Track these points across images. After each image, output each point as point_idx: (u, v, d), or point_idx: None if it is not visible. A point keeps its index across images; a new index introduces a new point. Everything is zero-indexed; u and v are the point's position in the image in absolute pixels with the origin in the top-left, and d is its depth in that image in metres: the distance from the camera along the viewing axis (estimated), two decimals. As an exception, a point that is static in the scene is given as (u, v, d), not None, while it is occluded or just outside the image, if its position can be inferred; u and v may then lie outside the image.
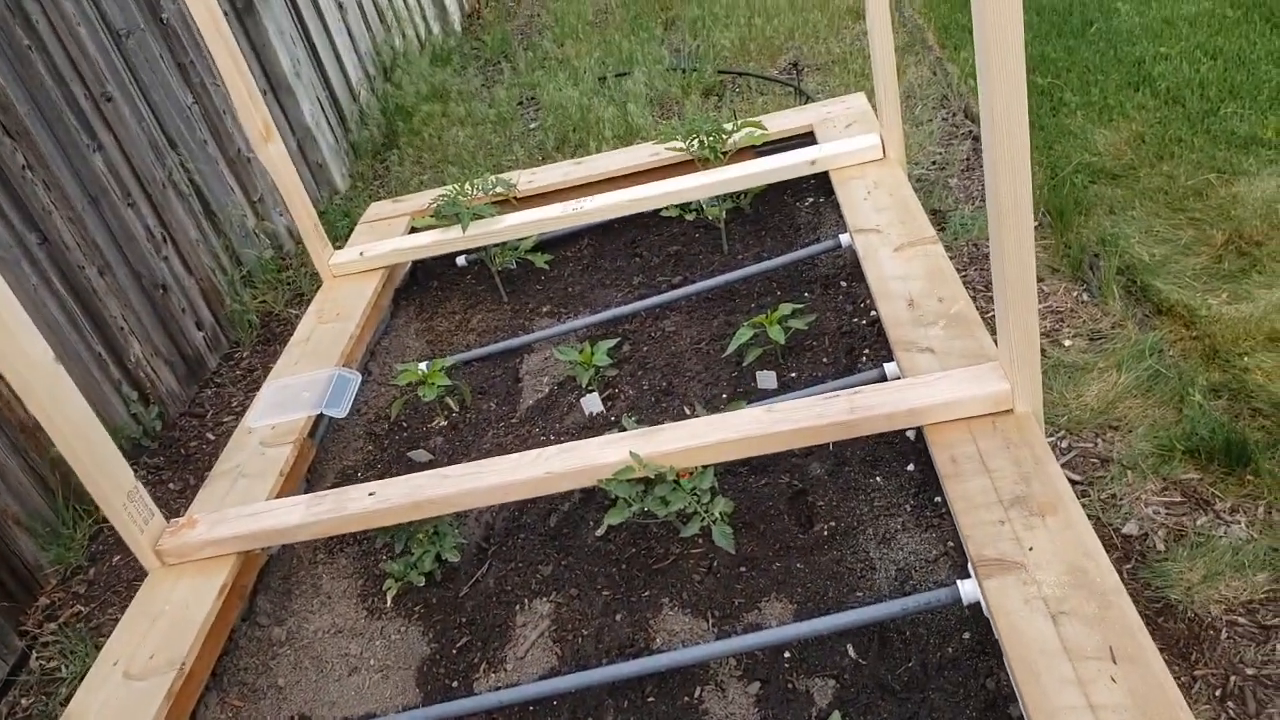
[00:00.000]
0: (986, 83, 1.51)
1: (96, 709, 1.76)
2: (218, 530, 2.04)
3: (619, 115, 4.44)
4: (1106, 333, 2.65)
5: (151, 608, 1.95)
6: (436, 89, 5.26)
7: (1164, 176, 3.17)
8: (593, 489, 2.10)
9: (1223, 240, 2.82)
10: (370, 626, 2.03)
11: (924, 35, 4.63)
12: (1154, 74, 3.71)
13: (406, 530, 2.07)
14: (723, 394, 2.38)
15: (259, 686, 1.97)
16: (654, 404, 2.42)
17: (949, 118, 3.91)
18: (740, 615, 1.84)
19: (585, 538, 2.08)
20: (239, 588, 2.07)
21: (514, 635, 1.92)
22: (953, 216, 3.27)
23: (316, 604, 2.12)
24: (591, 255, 3.21)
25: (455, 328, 3.05)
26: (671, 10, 5.88)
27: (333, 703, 1.89)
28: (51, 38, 2.99)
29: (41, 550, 2.56)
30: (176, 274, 3.37)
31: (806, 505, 2.02)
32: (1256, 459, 2.17)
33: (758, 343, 2.36)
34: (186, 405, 3.28)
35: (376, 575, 2.14)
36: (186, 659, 1.81)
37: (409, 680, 1.90)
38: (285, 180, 2.88)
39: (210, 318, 3.52)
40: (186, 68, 3.66)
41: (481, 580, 2.06)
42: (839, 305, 2.58)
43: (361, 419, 2.69)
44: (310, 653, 2.01)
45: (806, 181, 3.16)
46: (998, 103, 1.51)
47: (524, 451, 2.05)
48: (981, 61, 1.50)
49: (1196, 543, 2.06)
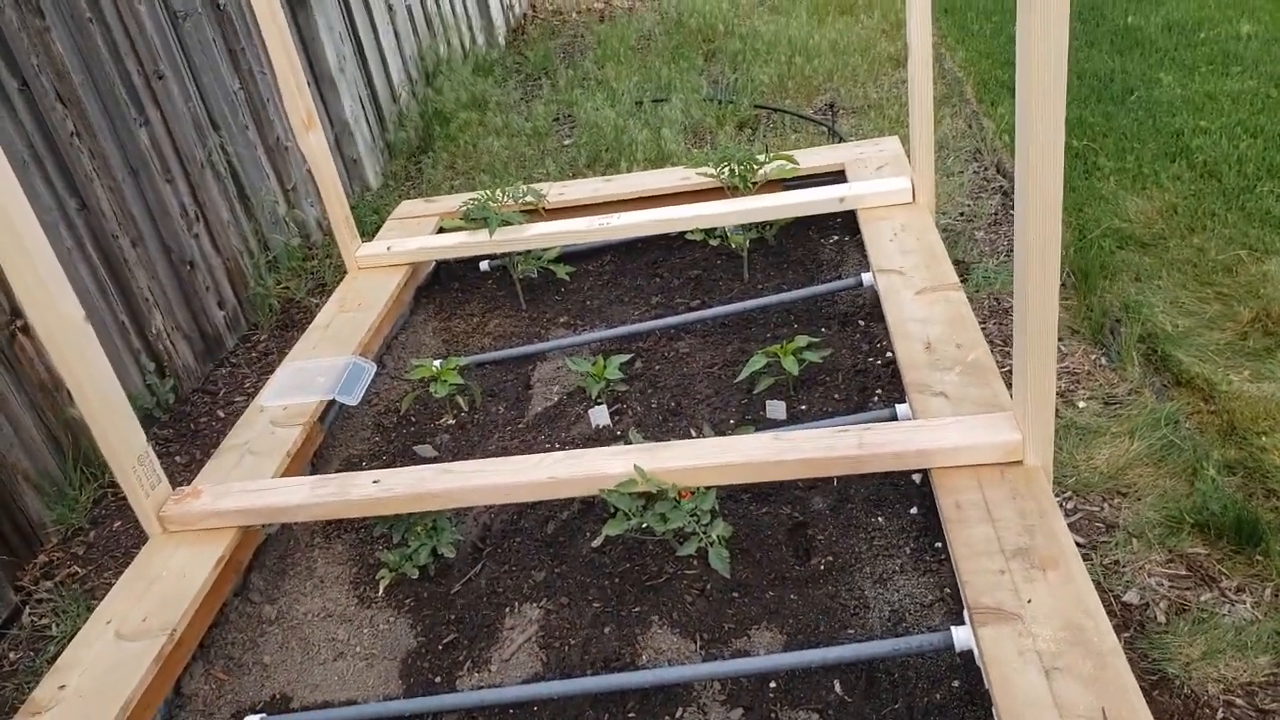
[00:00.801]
0: (1024, 133, 1.53)
1: (87, 664, 1.76)
2: (221, 502, 2.06)
3: (652, 139, 4.48)
4: (1122, 398, 2.65)
5: (149, 572, 1.96)
6: (476, 98, 5.32)
7: (1194, 249, 3.17)
8: (592, 501, 2.11)
9: (1249, 318, 2.81)
10: (360, 614, 2.03)
11: (962, 88, 4.67)
12: (1192, 146, 3.72)
13: (405, 522, 2.07)
14: (731, 419, 2.39)
15: (245, 661, 1.97)
16: (661, 422, 2.42)
17: (980, 171, 3.93)
18: (729, 640, 1.83)
19: (581, 548, 2.09)
20: (235, 562, 2.08)
21: (501, 637, 1.92)
22: (976, 268, 3.27)
23: (309, 586, 2.13)
24: (613, 271, 3.23)
25: (472, 330, 3.07)
26: (714, 42, 5.95)
27: (315, 685, 1.89)
28: (113, 13, 3.05)
29: (46, 509, 2.58)
30: (205, 252, 3.41)
31: (806, 538, 2.02)
32: (1267, 540, 2.15)
33: (770, 372, 2.37)
34: (200, 381, 3.30)
35: (371, 564, 2.14)
36: (178, 625, 1.82)
37: (393, 670, 1.90)
38: (322, 169, 2.92)
39: (233, 298, 3.55)
40: (237, 54, 3.72)
41: (474, 579, 2.06)
42: (855, 343, 2.59)
43: (371, 410, 2.71)
44: (298, 634, 2.01)
45: (833, 220, 3.18)
46: (1034, 154, 1.52)
47: (529, 454, 2.06)
48: (1021, 114, 1.52)
49: (1199, 618, 2.03)
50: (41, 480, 2.59)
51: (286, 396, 2.47)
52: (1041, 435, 1.81)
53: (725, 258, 3.11)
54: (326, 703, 1.85)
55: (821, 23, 5.85)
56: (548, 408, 2.59)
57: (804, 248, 3.11)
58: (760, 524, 2.06)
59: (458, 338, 3.04)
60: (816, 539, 2.01)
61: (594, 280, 3.20)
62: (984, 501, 1.79)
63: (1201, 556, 2.17)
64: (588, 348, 2.80)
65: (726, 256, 3.11)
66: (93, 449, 2.73)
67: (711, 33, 6.06)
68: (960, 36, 5.34)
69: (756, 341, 2.65)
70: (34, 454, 2.57)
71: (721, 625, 1.86)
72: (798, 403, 2.41)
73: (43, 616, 2.34)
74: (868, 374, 2.46)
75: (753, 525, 2.06)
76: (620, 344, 2.78)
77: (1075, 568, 1.64)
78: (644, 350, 2.74)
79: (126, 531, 2.59)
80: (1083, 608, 1.57)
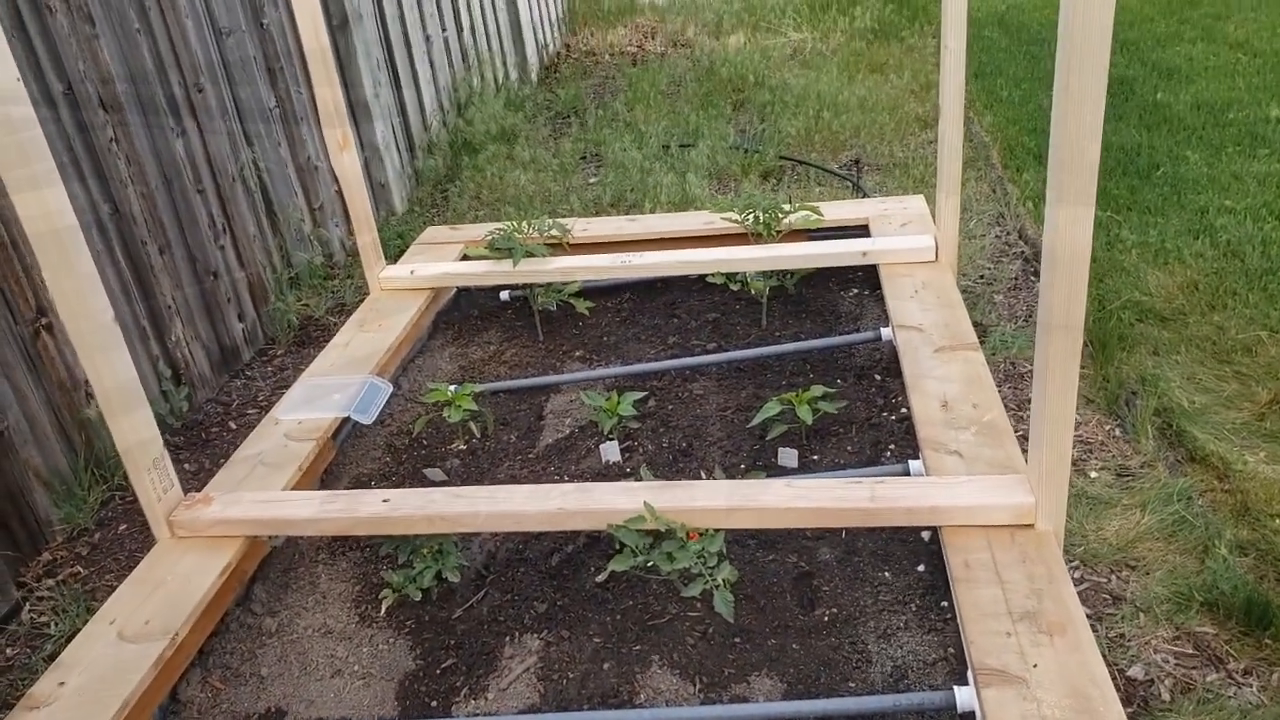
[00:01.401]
0: (1054, 200, 1.54)
1: (87, 663, 1.76)
2: (230, 511, 2.06)
3: (677, 183, 4.53)
4: (1135, 471, 2.64)
5: (155, 575, 1.96)
6: (506, 131, 5.40)
7: (1214, 327, 3.18)
8: (598, 535, 2.10)
9: (1268, 399, 2.81)
10: (360, 632, 2.02)
11: (989, 153, 4.72)
12: (1216, 225, 3.74)
13: (411, 544, 2.07)
14: (742, 463, 2.39)
15: (242, 672, 1.96)
16: (671, 462, 2.42)
17: (1002, 235, 3.96)
18: (728, 685, 1.81)
19: (585, 582, 2.08)
20: (240, 571, 2.07)
21: (500, 665, 1.91)
22: (994, 331, 3.28)
23: (311, 602, 2.12)
24: (631, 309, 3.25)
25: (488, 358, 3.09)
26: (744, 93, 6.04)
27: (311, 701, 1.88)
28: (160, 25, 3.12)
29: (55, 506, 2.59)
30: (229, 264, 3.45)
31: (811, 588, 2.01)
32: (1277, 623, 2.12)
33: (784, 419, 2.38)
34: (215, 392, 3.32)
35: (374, 583, 2.14)
36: (180, 630, 1.82)
37: (389, 692, 1.88)
38: (354, 190, 2.96)
39: (252, 311, 3.58)
40: (276, 72, 3.80)
41: (476, 606, 2.06)
42: (870, 397, 2.60)
43: (384, 430, 2.72)
44: (297, 648, 2.00)
45: (853, 272, 3.20)
46: (1063, 221, 1.54)
47: (539, 484, 2.06)
48: (1053, 182, 1.54)
49: (1204, 699, 2.00)
50: (52, 477, 2.60)
51: (302, 411, 2.48)
52: (1054, 500, 1.80)
53: (744, 303, 3.13)
54: (321, 719, 1.84)
55: (851, 79, 5.93)
56: (559, 439, 2.59)
57: (823, 298, 3.13)
58: (766, 571, 2.05)
59: (474, 364, 3.06)
60: (822, 590, 1.99)
61: (612, 317, 3.22)
62: (993, 563, 1.78)
63: (1209, 636, 2.15)
64: (602, 383, 2.81)
65: (745, 302, 3.13)
66: (105, 450, 2.74)
67: (742, 83, 6.15)
68: (988, 101, 5.40)
69: (772, 388, 2.65)
70: (47, 451, 2.58)
71: (722, 670, 1.84)
72: (810, 452, 2.41)
73: (42, 614, 2.33)
74: (881, 428, 2.46)
75: (759, 571, 2.05)
76: (635, 381, 2.79)
77: (1083, 635, 1.62)
78: (658, 389, 2.74)
79: (131, 535, 2.59)
80: (1089, 675, 1.55)
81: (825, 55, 6.58)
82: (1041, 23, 6.97)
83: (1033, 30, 6.79)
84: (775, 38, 7.20)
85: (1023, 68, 5.89)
